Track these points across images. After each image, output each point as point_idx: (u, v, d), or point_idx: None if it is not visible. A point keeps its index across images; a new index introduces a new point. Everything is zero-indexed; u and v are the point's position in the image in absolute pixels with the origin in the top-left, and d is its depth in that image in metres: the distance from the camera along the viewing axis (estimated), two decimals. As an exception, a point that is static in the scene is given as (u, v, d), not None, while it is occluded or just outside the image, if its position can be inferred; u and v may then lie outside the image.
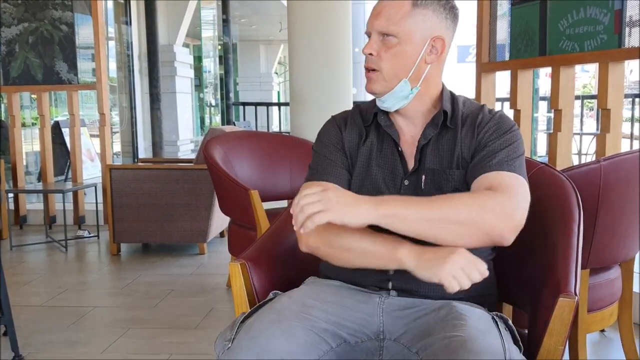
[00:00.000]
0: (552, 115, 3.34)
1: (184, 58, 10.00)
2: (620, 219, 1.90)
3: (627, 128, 5.49)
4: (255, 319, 1.20)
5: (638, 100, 5.14)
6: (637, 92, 5.59)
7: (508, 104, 3.11)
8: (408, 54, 1.31)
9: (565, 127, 2.78)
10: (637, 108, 5.19)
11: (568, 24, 2.63)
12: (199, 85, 13.50)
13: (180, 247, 4.36)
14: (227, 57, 8.63)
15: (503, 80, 3.37)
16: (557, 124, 2.79)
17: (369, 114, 1.42)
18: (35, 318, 2.98)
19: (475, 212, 1.17)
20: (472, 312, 1.20)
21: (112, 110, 7.08)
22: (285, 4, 4.19)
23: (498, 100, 4.38)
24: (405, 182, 1.36)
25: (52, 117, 6.17)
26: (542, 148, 6.95)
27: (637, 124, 5.40)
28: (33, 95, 5.88)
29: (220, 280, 3.54)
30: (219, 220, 4.20)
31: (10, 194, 4.94)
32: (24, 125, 6.00)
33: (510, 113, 3.00)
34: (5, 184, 4.95)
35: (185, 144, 9.85)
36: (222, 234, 4.61)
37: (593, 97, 7.02)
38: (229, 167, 3.15)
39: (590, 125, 8.74)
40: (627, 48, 2.39)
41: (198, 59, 13.37)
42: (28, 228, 5.16)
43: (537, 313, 1.29)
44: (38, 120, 5.18)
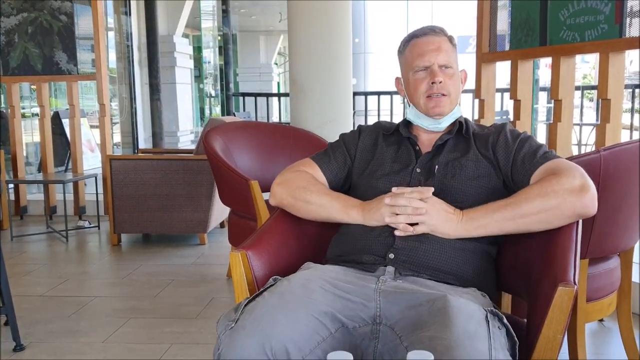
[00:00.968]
0: (552, 106, 3.34)
1: (184, 49, 9.98)
2: (620, 209, 1.90)
3: (626, 119, 5.50)
4: (258, 302, 1.24)
5: (638, 91, 5.14)
6: (637, 82, 5.58)
7: (508, 95, 3.11)
8: (459, 82, 1.60)
9: (566, 117, 2.78)
10: (637, 99, 5.20)
11: (569, 14, 2.63)
12: (199, 76, 13.48)
13: (181, 237, 4.37)
14: (226, 47, 8.60)
15: (503, 71, 3.36)
16: (557, 114, 2.79)
17: (392, 128, 1.66)
18: (36, 308, 2.99)
19: (553, 198, 1.32)
20: (465, 309, 1.18)
21: (111, 101, 7.06)
22: (285, -5, 4.18)
23: (498, 91, 4.37)
24: (417, 169, 1.53)
25: (51, 107, 6.16)
26: (542, 139, 6.95)
27: (637, 115, 5.40)
28: (33, 86, 5.87)
29: (221, 271, 3.55)
30: (219, 211, 4.20)
31: (11, 185, 4.94)
32: (24, 117, 5.99)
33: (510, 103, 3.00)
34: (6, 175, 4.95)
35: (185, 135, 9.85)
36: (222, 225, 4.62)
37: (593, 87, 7.02)
38: (229, 157, 3.15)
39: (590, 116, 8.74)
40: (627, 38, 2.39)
41: (198, 50, 13.34)
42: (28, 218, 5.16)
43: (536, 302, 1.29)
44: (37, 111, 5.17)
